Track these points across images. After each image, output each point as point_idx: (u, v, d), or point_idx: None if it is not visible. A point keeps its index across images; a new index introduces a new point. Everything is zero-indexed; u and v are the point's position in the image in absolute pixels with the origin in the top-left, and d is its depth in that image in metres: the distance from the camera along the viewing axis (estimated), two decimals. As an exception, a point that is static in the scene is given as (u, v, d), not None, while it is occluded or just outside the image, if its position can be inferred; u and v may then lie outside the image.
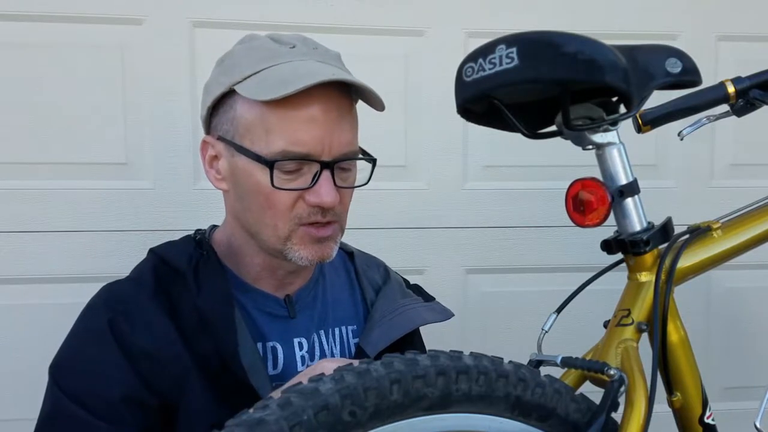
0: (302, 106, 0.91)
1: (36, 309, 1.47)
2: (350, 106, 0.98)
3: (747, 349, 1.77)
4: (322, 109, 0.92)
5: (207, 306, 0.95)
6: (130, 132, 1.52)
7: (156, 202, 1.53)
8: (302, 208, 0.94)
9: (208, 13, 1.53)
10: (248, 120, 0.94)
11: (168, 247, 1.04)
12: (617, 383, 0.75)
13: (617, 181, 0.85)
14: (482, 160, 1.65)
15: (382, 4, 1.59)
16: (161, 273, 0.99)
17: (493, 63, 0.79)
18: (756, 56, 1.67)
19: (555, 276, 1.64)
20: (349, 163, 0.97)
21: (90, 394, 0.90)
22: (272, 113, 0.92)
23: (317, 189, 0.92)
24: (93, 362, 0.92)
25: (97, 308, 0.98)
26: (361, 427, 0.62)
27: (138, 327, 0.93)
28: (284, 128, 0.91)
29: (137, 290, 0.97)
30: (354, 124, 0.99)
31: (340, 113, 0.94)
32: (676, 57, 0.83)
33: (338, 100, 0.94)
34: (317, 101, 0.92)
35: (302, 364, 1.02)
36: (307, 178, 0.93)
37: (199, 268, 0.99)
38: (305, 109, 0.91)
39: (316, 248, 0.96)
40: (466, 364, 0.68)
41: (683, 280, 0.91)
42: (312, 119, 0.92)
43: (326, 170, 0.92)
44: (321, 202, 0.92)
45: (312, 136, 0.91)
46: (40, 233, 1.49)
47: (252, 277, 1.02)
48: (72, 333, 0.98)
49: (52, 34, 1.48)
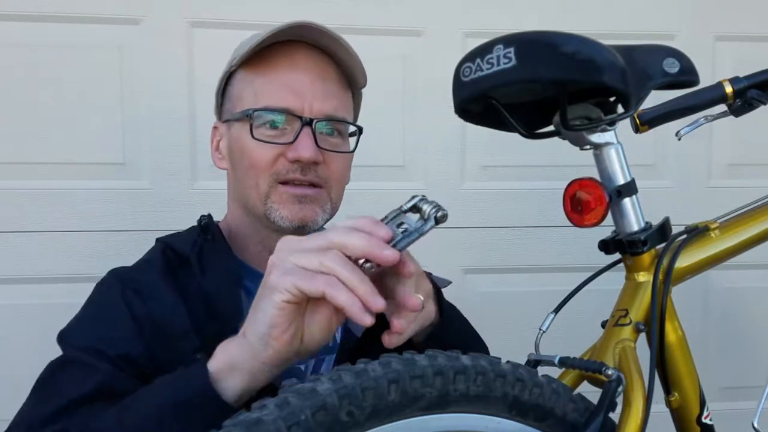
0: (286, 68, 0.97)
1: (34, 309, 1.47)
2: (338, 77, 1.01)
3: (745, 349, 1.77)
4: (305, 71, 0.97)
5: (212, 286, 0.95)
6: (128, 132, 1.52)
7: (154, 201, 1.53)
8: (282, 164, 0.95)
9: (206, 13, 1.53)
10: (241, 90, 1.00)
11: (174, 235, 1.06)
12: (615, 383, 0.75)
13: (615, 181, 0.85)
14: (480, 160, 1.65)
15: (380, 4, 1.60)
16: (169, 257, 1.00)
17: (491, 63, 0.79)
18: (754, 56, 1.68)
19: (553, 276, 1.65)
20: (339, 130, 1.00)
21: (94, 346, 0.88)
22: (259, 77, 0.98)
23: (296, 144, 0.94)
24: (101, 321, 0.93)
25: (109, 282, 0.99)
26: (358, 427, 0.62)
27: (149, 300, 0.93)
28: (269, 88, 0.97)
29: (148, 269, 0.99)
30: (342, 96, 1.02)
31: (324, 77, 0.99)
32: (673, 57, 0.83)
33: (323, 66, 0.99)
34: (301, 64, 0.98)
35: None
36: (289, 136, 0.96)
37: (204, 251, 0.99)
38: (289, 71, 0.97)
39: (297, 208, 0.95)
40: (464, 364, 0.68)
41: (681, 280, 0.91)
42: (295, 79, 0.97)
43: (306, 127, 0.95)
44: (299, 156, 0.94)
45: (293, 93, 0.96)
46: (38, 233, 1.49)
47: (256, 261, 1.02)
48: (83, 306, 0.98)
49: (50, 34, 1.48)
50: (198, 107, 1.53)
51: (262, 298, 0.71)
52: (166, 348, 0.90)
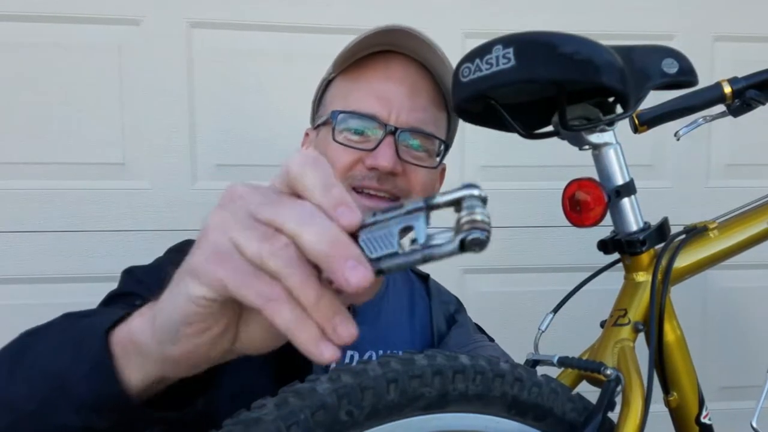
0: (380, 77, 0.96)
1: (34, 309, 1.46)
2: (432, 93, 0.99)
3: (743, 348, 1.77)
4: (397, 81, 0.96)
5: None
6: (127, 132, 1.52)
7: (153, 202, 1.53)
8: (359, 170, 0.93)
9: (206, 13, 1.53)
10: (333, 96, 1.00)
11: None
12: (614, 383, 0.75)
13: (614, 182, 0.85)
14: (479, 160, 1.65)
15: (378, 4, 1.60)
16: None
17: (490, 63, 0.79)
18: (752, 56, 1.68)
19: (552, 276, 1.65)
20: (425, 145, 0.97)
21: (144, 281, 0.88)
22: (351, 84, 0.97)
23: (376, 152, 0.93)
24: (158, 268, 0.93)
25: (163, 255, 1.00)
26: (358, 426, 0.62)
27: None
28: (358, 95, 0.96)
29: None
30: (433, 112, 0.99)
31: (416, 91, 0.97)
32: (672, 57, 0.83)
33: (418, 79, 0.97)
34: (396, 74, 0.96)
35: None
36: (371, 144, 0.94)
37: None
38: (382, 80, 0.96)
39: None
40: (463, 364, 0.68)
41: (680, 280, 0.91)
42: (386, 88, 0.95)
43: (390, 136, 0.93)
44: (376, 164, 0.92)
45: (381, 100, 0.94)
46: (38, 233, 1.49)
47: None
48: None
49: (50, 34, 1.48)
50: (198, 107, 1.54)
51: (181, 277, 0.48)
52: None
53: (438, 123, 1.00)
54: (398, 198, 0.94)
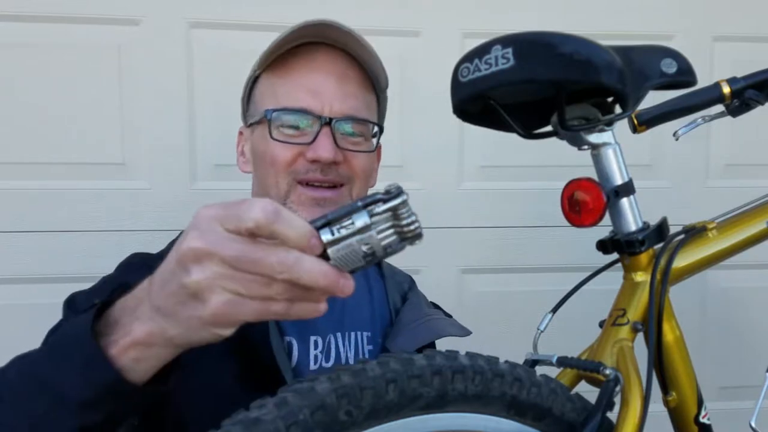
0: (306, 70, 0.97)
1: (34, 309, 1.47)
2: (359, 78, 1.00)
3: (742, 348, 1.77)
4: (325, 73, 0.97)
5: None
6: (127, 132, 1.52)
7: (153, 202, 1.53)
8: (301, 163, 0.95)
9: (205, 13, 1.53)
10: (262, 93, 1.01)
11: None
12: (613, 383, 0.75)
13: (613, 181, 0.85)
14: (478, 160, 1.65)
15: (378, 4, 1.59)
16: None
17: (489, 63, 0.79)
18: (751, 57, 1.68)
19: (551, 276, 1.65)
20: (360, 130, 0.99)
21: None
22: (280, 80, 0.98)
23: (315, 144, 0.94)
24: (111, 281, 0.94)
25: (127, 259, 1.00)
26: (357, 426, 0.62)
27: None
28: (288, 90, 0.97)
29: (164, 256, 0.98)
30: (363, 96, 1.01)
31: (344, 78, 0.98)
32: (671, 57, 0.84)
33: (344, 67, 0.98)
34: (321, 66, 0.97)
35: (315, 363, 1.01)
36: (309, 137, 0.95)
37: None
38: (309, 73, 0.97)
39: (317, 211, 0.94)
40: (462, 364, 0.68)
41: (678, 280, 0.91)
42: (314, 80, 0.96)
43: (326, 127, 0.95)
44: (317, 156, 0.94)
45: (312, 93, 0.95)
46: (37, 233, 1.49)
47: None
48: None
49: (49, 34, 1.48)
50: (197, 108, 1.53)
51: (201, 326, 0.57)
52: None
53: (370, 106, 1.02)
54: (342, 185, 0.97)
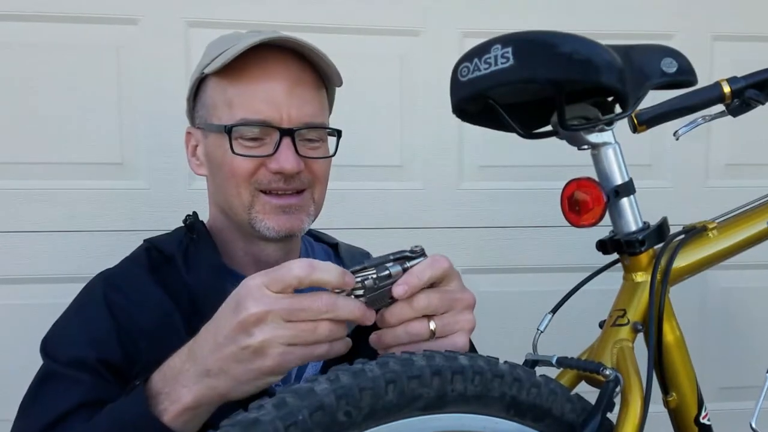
0: (260, 77, 0.95)
1: (32, 309, 1.47)
2: (313, 80, 0.99)
3: (742, 349, 1.77)
4: (280, 80, 0.95)
5: (197, 282, 0.95)
6: (125, 132, 1.52)
7: (151, 202, 1.53)
8: (263, 174, 0.95)
9: (204, 13, 1.53)
10: (214, 99, 0.98)
11: (161, 235, 1.06)
12: (613, 383, 0.75)
13: (613, 181, 0.85)
14: (478, 160, 1.65)
15: (377, 4, 1.59)
16: (153, 255, 1.00)
17: (489, 63, 0.79)
18: (751, 56, 1.68)
19: (550, 276, 1.65)
20: (318, 135, 0.99)
21: (75, 356, 0.88)
22: (233, 87, 0.96)
23: (277, 156, 0.94)
24: (81, 325, 0.92)
25: (93, 284, 0.99)
26: (356, 427, 0.62)
27: (132, 293, 0.94)
28: (243, 99, 0.95)
29: (132, 266, 0.99)
30: (319, 99, 1.00)
31: (299, 84, 0.97)
32: (671, 57, 0.83)
33: (298, 72, 0.97)
34: (275, 72, 0.95)
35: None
36: (269, 147, 0.95)
37: (189, 249, 1.00)
38: (263, 80, 0.95)
39: (283, 219, 0.96)
40: (462, 365, 0.68)
41: (679, 280, 0.91)
42: (270, 89, 0.95)
43: (286, 138, 0.94)
44: (281, 168, 0.93)
45: (269, 104, 0.94)
46: (36, 233, 1.49)
47: (240, 266, 1.02)
48: (65, 310, 0.99)
49: (48, 34, 1.48)
50: (196, 107, 1.53)
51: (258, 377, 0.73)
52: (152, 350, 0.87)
53: (324, 107, 1.02)
54: (304, 190, 0.98)
